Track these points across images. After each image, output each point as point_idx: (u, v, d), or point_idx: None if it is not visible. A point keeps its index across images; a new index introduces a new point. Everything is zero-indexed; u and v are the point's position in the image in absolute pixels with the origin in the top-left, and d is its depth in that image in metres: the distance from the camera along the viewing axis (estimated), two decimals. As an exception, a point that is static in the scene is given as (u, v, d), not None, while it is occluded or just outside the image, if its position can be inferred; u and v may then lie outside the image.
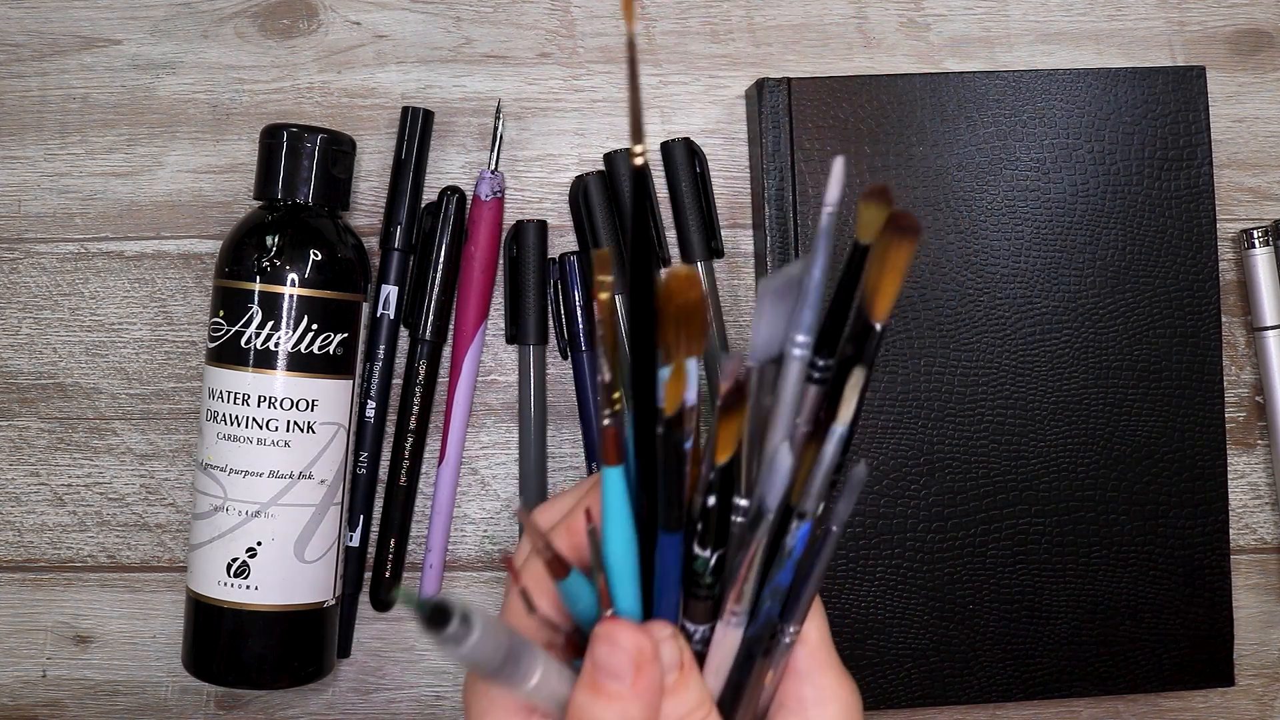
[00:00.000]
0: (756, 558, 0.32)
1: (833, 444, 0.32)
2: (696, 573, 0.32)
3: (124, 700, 0.56)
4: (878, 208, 0.31)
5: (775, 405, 0.32)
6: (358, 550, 0.55)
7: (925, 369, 0.53)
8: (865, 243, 0.31)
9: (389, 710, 0.56)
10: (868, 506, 0.53)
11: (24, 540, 0.56)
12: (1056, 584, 0.53)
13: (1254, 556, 0.57)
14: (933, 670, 0.53)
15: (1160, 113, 0.54)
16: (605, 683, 0.31)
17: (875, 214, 0.31)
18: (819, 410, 0.32)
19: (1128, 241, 0.53)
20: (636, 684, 0.31)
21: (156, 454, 0.56)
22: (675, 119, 0.56)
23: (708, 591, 0.33)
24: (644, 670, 0.31)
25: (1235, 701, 0.56)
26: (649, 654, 0.32)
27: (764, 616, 0.33)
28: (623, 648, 0.31)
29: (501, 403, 0.56)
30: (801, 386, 0.32)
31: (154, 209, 0.56)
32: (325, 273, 0.50)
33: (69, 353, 0.56)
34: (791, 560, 0.33)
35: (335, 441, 0.51)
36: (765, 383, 0.32)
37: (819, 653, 0.35)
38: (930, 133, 0.53)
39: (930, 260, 0.53)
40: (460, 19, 0.56)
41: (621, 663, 0.31)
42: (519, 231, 0.55)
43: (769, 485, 0.32)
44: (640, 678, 0.31)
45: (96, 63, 0.56)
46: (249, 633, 0.50)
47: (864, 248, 0.31)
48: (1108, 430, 0.53)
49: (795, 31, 0.57)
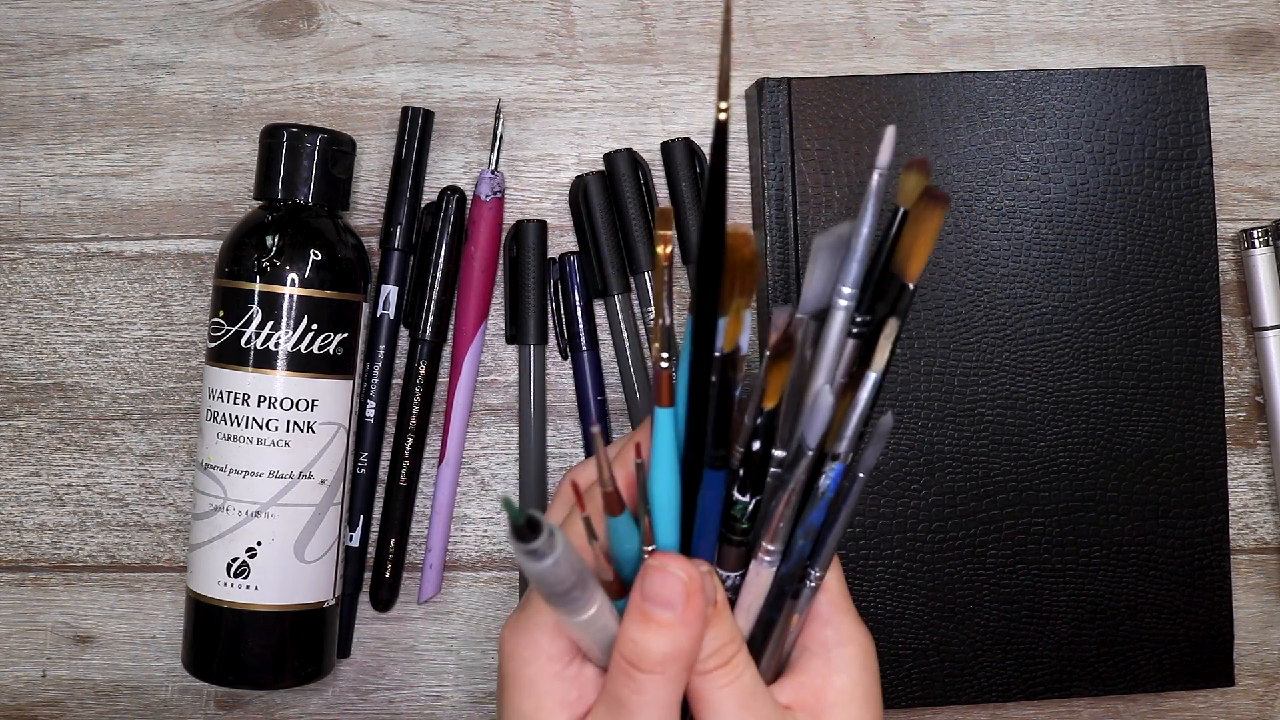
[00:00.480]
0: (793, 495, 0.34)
1: (868, 388, 0.34)
2: (734, 517, 0.34)
3: (124, 700, 0.56)
4: (918, 177, 0.34)
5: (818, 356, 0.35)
6: (358, 550, 0.55)
7: (925, 369, 0.53)
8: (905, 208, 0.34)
9: (389, 710, 0.56)
10: (868, 506, 0.53)
11: (24, 540, 0.56)
12: (1056, 584, 0.53)
13: (1254, 556, 0.57)
14: (933, 670, 0.53)
15: (1160, 113, 0.54)
16: (656, 612, 0.33)
17: (915, 183, 0.34)
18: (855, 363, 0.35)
19: (1128, 241, 0.53)
20: (686, 613, 0.33)
21: (156, 454, 0.56)
22: (675, 119, 0.56)
23: (742, 537, 0.35)
24: (692, 600, 0.33)
25: (1235, 701, 0.56)
26: (697, 584, 0.33)
27: (796, 555, 0.35)
28: (676, 576, 0.33)
29: (501, 403, 0.56)
30: (843, 338, 0.35)
31: (154, 209, 0.56)
32: (325, 273, 0.50)
33: (69, 353, 0.56)
34: (824, 500, 0.35)
35: (335, 441, 0.51)
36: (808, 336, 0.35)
37: (839, 600, 0.37)
38: (930, 133, 0.53)
39: (930, 260, 0.53)
40: (460, 19, 0.57)
41: (674, 591, 0.33)
42: (519, 231, 0.55)
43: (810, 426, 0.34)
44: (689, 607, 0.33)
45: (96, 63, 0.56)
46: (249, 633, 0.50)
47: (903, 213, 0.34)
48: (1108, 430, 0.53)
49: (795, 31, 0.57)
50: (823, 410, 0.34)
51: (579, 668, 0.35)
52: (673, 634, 0.33)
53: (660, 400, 0.34)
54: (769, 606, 0.36)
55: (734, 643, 0.34)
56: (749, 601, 0.36)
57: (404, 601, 0.56)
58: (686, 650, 0.33)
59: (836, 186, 0.53)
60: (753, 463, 0.34)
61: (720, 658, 0.34)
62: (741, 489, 0.34)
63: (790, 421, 0.35)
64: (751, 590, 0.35)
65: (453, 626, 0.56)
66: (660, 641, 0.33)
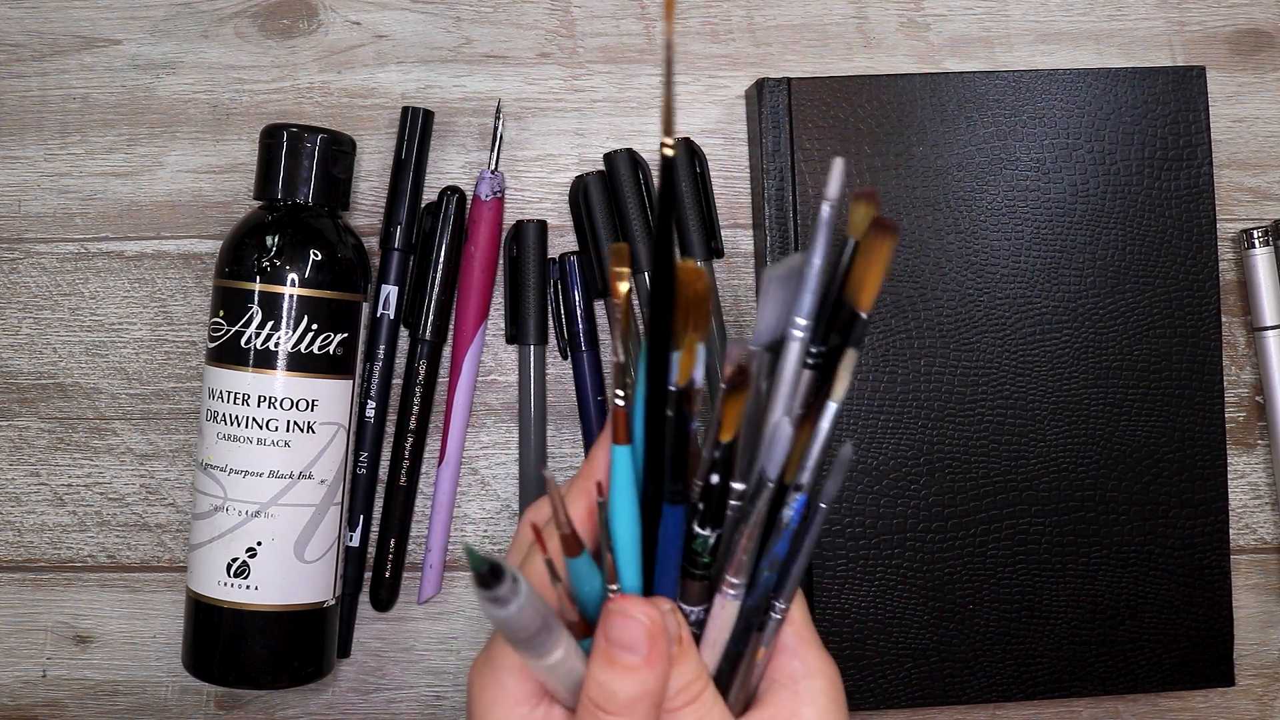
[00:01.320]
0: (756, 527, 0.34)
1: (828, 418, 0.34)
2: (695, 552, 0.34)
3: (124, 700, 0.56)
4: (866, 208, 0.35)
5: (774, 388, 0.35)
6: (358, 550, 0.55)
7: (925, 369, 0.53)
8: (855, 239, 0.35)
9: (389, 710, 0.56)
10: (868, 506, 0.53)
11: (24, 540, 0.56)
12: (1056, 584, 0.53)
13: (1254, 556, 0.57)
14: (933, 670, 0.53)
15: (1160, 113, 0.54)
16: (621, 655, 0.33)
17: (864, 213, 0.35)
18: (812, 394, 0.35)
19: (1128, 241, 0.53)
20: (650, 655, 0.33)
21: (156, 454, 0.56)
22: (675, 119, 0.56)
23: (704, 571, 0.35)
24: (656, 641, 0.33)
25: (1235, 701, 0.56)
26: (659, 625, 0.33)
27: (762, 586, 0.36)
28: (638, 620, 0.33)
29: (501, 403, 0.56)
30: (798, 369, 0.35)
31: (154, 209, 0.56)
32: (325, 273, 0.50)
33: (69, 353, 0.56)
34: (788, 531, 0.35)
35: (335, 441, 0.51)
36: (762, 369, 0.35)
37: (804, 631, 0.38)
38: (930, 133, 0.53)
39: (930, 260, 0.53)
40: (460, 19, 0.57)
41: (637, 635, 0.33)
42: (519, 231, 0.55)
43: (770, 457, 0.35)
44: (653, 649, 0.33)
45: (96, 63, 0.56)
46: (249, 633, 0.50)
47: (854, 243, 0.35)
48: (1108, 430, 0.53)
49: (795, 31, 0.57)
50: (782, 441, 0.34)
51: (546, 709, 0.35)
52: (638, 676, 0.33)
53: (618, 438, 0.34)
54: (735, 640, 0.36)
55: (700, 679, 0.35)
56: (714, 636, 0.36)
57: (404, 601, 0.56)
58: (653, 690, 0.33)
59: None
60: (712, 496, 0.34)
61: (688, 695, 0.34)
62: (702, 523, 0.34)
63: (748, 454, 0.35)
64: (717, 624, 0.36)
65: (453, 626, 0.56)
66: (626, 684, 0.33)
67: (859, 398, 0.53)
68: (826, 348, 0.35)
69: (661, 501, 0.34)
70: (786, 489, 0.35)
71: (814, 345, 0.35)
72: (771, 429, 0.35)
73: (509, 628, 0.31)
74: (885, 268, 0.34)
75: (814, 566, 0.52)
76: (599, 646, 0.33)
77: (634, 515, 0.35)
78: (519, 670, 0.35)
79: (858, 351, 0.34)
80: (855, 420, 0.53)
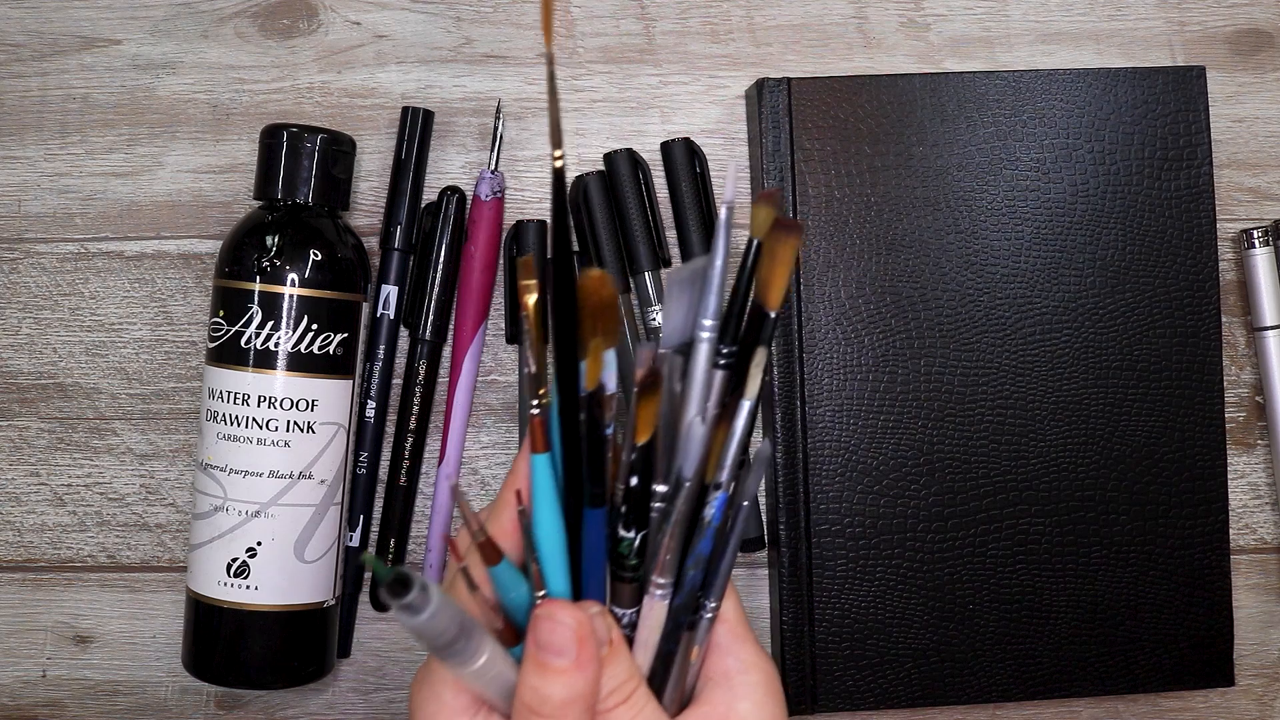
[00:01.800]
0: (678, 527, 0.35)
1: (743, 417, 0.35)
2: (621, 555, 0.35)
3: (124, 700, 0.56)
4: (767, 210, 0.36)
5: (686, 389, 0.36)
6: (358, 550, 0.55)
7: (925, 369, 0.53)
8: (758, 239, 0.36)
9: (389, 710, 0.56)
10: (868, 506, 0.53)
11: (24, 540, 0.56)
12: (1056, 584, 0.53)
13: (1254, 556, 0.57)
14: (933, 670, 0.53)
15: (1160, 113, 0.54)
16: (550, 660, 0.34)
17: (765, 215, 0.36)
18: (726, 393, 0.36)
19: (1128, 241, 0.53)
20: (580, 657, 0.34)
21: (156, 454, 0.56)
22: (675, 119, 0.56)
23: (633, 573, 0.36)
24: (584, 644, 0.34)
25: (1235, 701, 0.56)
26: (587, 628, 0.34)
27: (689, 585, 0.36)
28: (565, 624, 0.34)
29: (501, 403, 0.56)
30: (709, 369, 0.36)
31: (154, 209, 0.56)
32: (325, 273, 0.50)
33: (69, 353, 0.56)
34: (711, 529, 0.36)
35: (335, 441, 0.51)
36: (674, 371, 0.36)
37: (738, 628, 0.38)
38: (930, 133, 0.53)
39: (930, 260, 0.53)
40: (460, 19, 0.57)
41: (565, 638, 0.33)
42: (519, 231, 0.55)
43: (686, 457, 0.35)
44: (583, 651, 0.34)
45: (96, 63, 0.56)
46: (249, 633, 0.50)
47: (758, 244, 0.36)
48: (1108, 430, 0.53)
49: (795, 31, 0.57)
50: (696, 440, 0.35)
51: (485, 718, 0.36)
52: (569, 679, 0.33)
53: (535, 447, 0.35)
54: (665, 639, 0.37)
55: (632, 679, 0.35)
56: (645, 636, 0.36)
57: (404, 601, 0.56)
58: (585, 693, 0.34)
59: (836, 186, 0.53)
60: (633, 498, 0.35)
61: (620, 695, 0.35)
62: (626, 525, 0.35)
63: (667, 455, 0.36)
64: (647, 625, 0.36)
65: (453, 626, 0.56)
66: (558, 687, 0.33)
67: (859, 397, 0.53)
68: (739, 347, 0.36)
69: (582, 506, 0.35)
70: (707, 488, 0.36)
71: (724, 346, 0.36)
72: (685, 429, 0.35)
73: (425, 635, 0.31)
74: (790, 267, 0.35)
75: (814, 566, 0.52)
76: (529, 652, 0.34)
77: (557, 521, 0.35)
78: (455, 683, 0.36)
79: (768, 349, 0.35)
80: (855, 420, 0.53)
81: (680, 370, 0.36)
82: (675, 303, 0.36)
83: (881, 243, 0.53)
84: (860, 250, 0.53)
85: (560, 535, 0.35)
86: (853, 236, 0.53)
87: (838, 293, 0.53)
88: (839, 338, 0.53)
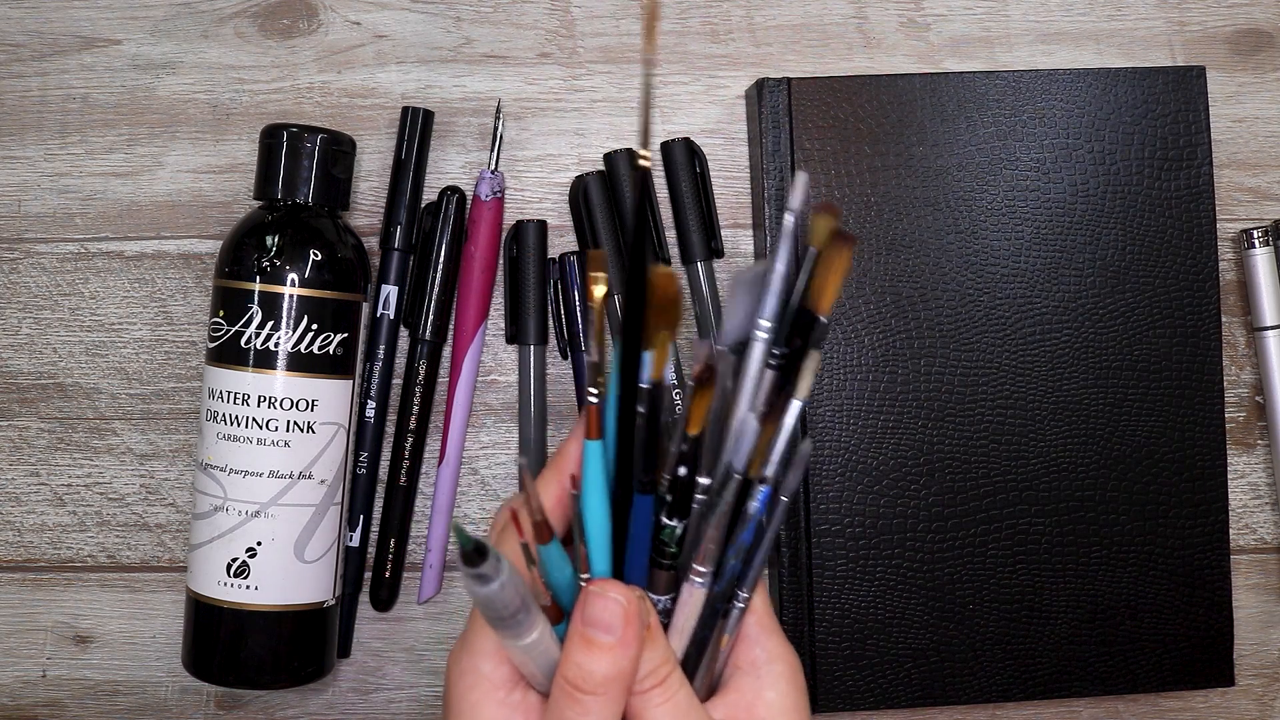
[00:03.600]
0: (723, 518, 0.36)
1: (792, 415, 0.36)
2: (663, 542, 0.36)
3: (124, 700, 0.56)
4: (827, 220, 0.37)
5: (739, 386, 0.37)
6: (358, 550, 0.55)
7: (925, 369, 0.53)
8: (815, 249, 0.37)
9: (389, 710, 0.56)
10: (868, 506, 0.53)
11: (24, 540, 0.56)
12: (1056, 584, 0.53)
13: (1254, 556, 0.57)
14: (933, 670, 0.53)
15: (1160, 113, 0.54)
16: (598, 635, 0.34)
17: (825, 225, 0.37)
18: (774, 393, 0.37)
19: (1128, 241, 0.53)
20: (625, 636, 0.34)
21: (156, 454, 0.56)
22: (675, 119, 0.56)
23: (672, 561, 0.37)
24: (631, 623, 0.35)
25: (1235, 701, 0.56)
26: (635, 608, 0.35)
27: (729, 574, 0.37)
28: (616, 601, 0.35)
29: (501, 403, 0.56)
30: (761, 368, 0.37)
31: (154, 209, 0.56)
32: (325, 273, 0.50)
33: (69, 353, 0.56)
34: (754, 521, 0.37)
35: (335, 441, 0.51)
36: (728, 369, 0.37)
37: (765, 620, 0.39)
38: (930, 133, 0.53)
39: (930, 260, 0.53)
40: (460, 19, 0.57)
41: (615, 615, 0.34)
42: (519, 231, 0.55)
43: (737, 451, 0.37)
44: (629, 630, 0.34)
45: (96, 63, 0.56)
46: (249, 633, 0.50)
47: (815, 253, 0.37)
48: (1108, 430, 0.53)
49: (795, 31, 0.57)
50: (749, 435, 0.36)
51: (522, 694, 0.37)
52: (614, 656, 0.34)
53: (590, 433, 0.36)
54: (702, 626, 0.38)
55: (668, 663, 0.36)
56: (682, 622, 0.37)
57: (404, 601, 0.56)
58: (626, 671, 0.35)
59: (836, 186, 0.53)
60: (679, 488, 0.36)
61: (656, 677, 0.36)
62: (670, 514, 0.36)
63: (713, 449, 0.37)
64: (684, 611, 0.37)
65: (453, 626, 0.56)
66: (603, 664, 0.34)
67: (859, 397, 0.53)
68: (790, 349, 0.37)
69: (631, 495, 0.36)
70: (751, 482, 0.37)
71: (776, 348, 0.37)
72: (738, 424, 0.37)
73: (491, 605, 0.33)
74: (844, 276, 0.37)
75: (814, 566, 0.52)
76: (575, 628, 0.35)
77: (605, 507, 0.36)
78: (495, 655, 0.36)
79: (819, 352, 0.37)
80: (855, 420, 0.53)
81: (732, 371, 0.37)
82: (737, 303, 0.37)
83: (881, 243, 0.53)
84: (860, 250, 0.53)
85: (606, 520, 0.36)
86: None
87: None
88: (839, 338, 0.53)
